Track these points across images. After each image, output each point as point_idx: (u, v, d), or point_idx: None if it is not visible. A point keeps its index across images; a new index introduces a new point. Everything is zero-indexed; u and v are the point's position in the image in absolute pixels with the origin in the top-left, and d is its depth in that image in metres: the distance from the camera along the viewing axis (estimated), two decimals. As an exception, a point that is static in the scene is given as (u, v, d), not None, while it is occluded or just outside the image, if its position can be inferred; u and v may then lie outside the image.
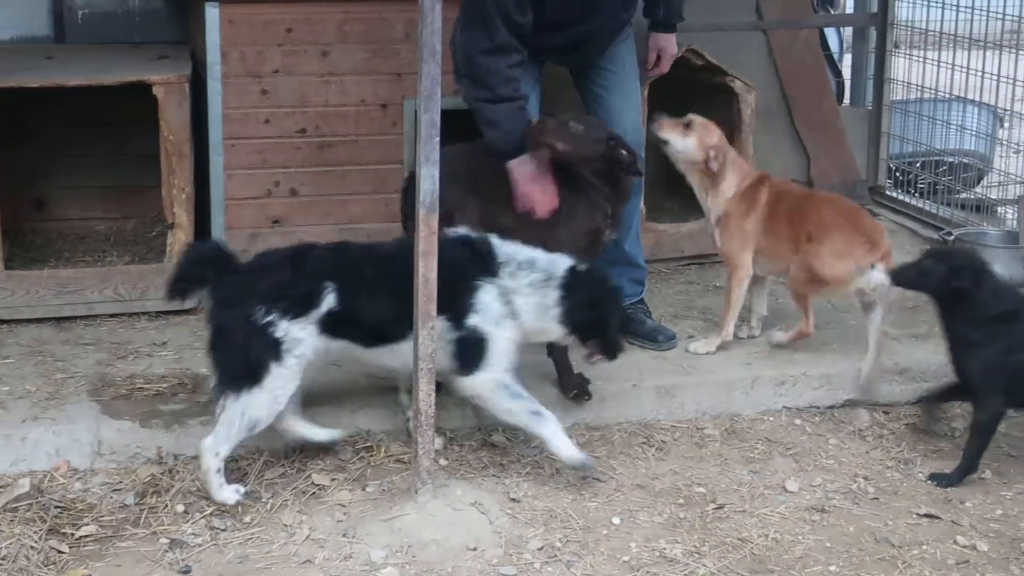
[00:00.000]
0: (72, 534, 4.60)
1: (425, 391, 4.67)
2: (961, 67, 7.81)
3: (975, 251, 5.83)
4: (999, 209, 8.43)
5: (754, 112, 7.08)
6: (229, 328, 4.79)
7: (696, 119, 6.02)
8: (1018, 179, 8.24)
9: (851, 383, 5.76)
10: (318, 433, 5.09)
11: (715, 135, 5.99)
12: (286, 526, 4.69)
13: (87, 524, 4.66)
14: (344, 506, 4.81)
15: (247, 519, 4.72)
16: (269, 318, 4.74)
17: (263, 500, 4.83)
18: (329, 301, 4.80)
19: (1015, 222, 7.27)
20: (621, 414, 5.53)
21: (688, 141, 5.95)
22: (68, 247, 6.86)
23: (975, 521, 4.91)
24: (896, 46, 8.27)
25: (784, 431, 5.55)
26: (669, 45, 6.22)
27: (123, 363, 5.68)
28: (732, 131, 7.03)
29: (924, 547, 4.72)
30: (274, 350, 4.75)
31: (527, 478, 5.05)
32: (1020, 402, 5.27)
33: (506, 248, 5.03)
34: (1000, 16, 7.71)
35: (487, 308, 4.92)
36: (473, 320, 4.91)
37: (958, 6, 7.89)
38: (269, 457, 5.07)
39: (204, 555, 4.53)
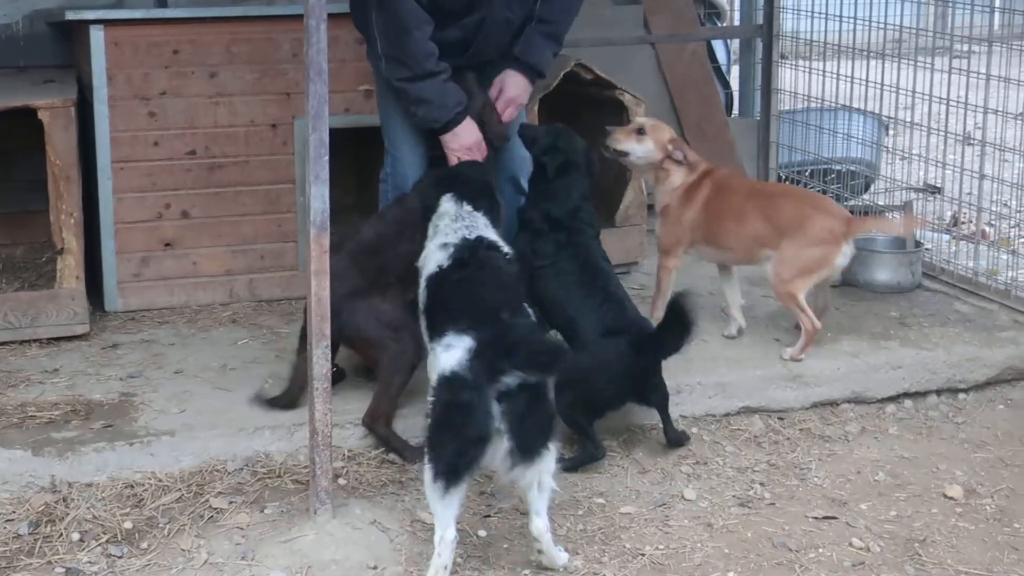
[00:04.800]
0: (-35, 567, 4.53)
1: (322, 410, 4.65)
2: (846, 77, 7.92)
3: None
4: (887, 215, 8.56)
5: (644, 125, 7.10)
6: None
7: (646, 122, 6.17)
8: (904, 185, 8.38)
9: (745, 390, 5.82)
10: None
11: (667, 131, 6.15)
12: (184, 551, 4.64)
13: (-20, 556, 4.59)
14: (242, 529, 4.77)
15: (144, 545, 4.66)
16: None
17: (160, 525, 4.78)
18: None
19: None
20: (519, 428, 5.53)
21: (646, 145, 6.06)
22: (-45, 275, 6.76)
23: (869, 523, 4.98)
24: (783, 57, 8.37)
25: (681, 440, 5.59)
26: (512, 86, 5.72)
27: (14, 391, 5.59)
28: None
29: (820, 550, 4.78)
30: None
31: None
32: None
33: None
34: (882, 26, 7.82)
35: None
36: None
37: (841, 17, 8.01)
38: (165, 482, 5.02)
39: (101, 583, 4.49)
